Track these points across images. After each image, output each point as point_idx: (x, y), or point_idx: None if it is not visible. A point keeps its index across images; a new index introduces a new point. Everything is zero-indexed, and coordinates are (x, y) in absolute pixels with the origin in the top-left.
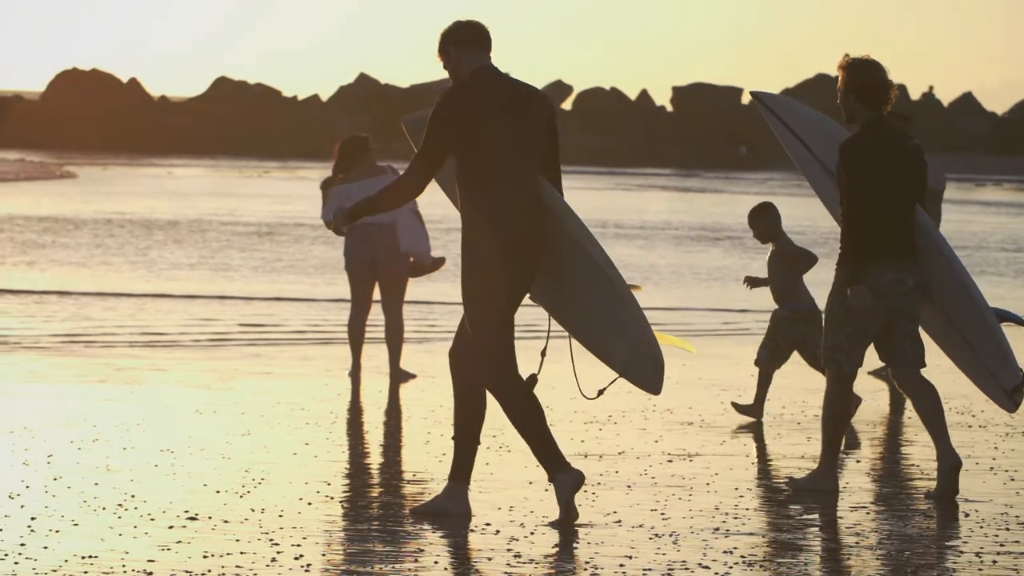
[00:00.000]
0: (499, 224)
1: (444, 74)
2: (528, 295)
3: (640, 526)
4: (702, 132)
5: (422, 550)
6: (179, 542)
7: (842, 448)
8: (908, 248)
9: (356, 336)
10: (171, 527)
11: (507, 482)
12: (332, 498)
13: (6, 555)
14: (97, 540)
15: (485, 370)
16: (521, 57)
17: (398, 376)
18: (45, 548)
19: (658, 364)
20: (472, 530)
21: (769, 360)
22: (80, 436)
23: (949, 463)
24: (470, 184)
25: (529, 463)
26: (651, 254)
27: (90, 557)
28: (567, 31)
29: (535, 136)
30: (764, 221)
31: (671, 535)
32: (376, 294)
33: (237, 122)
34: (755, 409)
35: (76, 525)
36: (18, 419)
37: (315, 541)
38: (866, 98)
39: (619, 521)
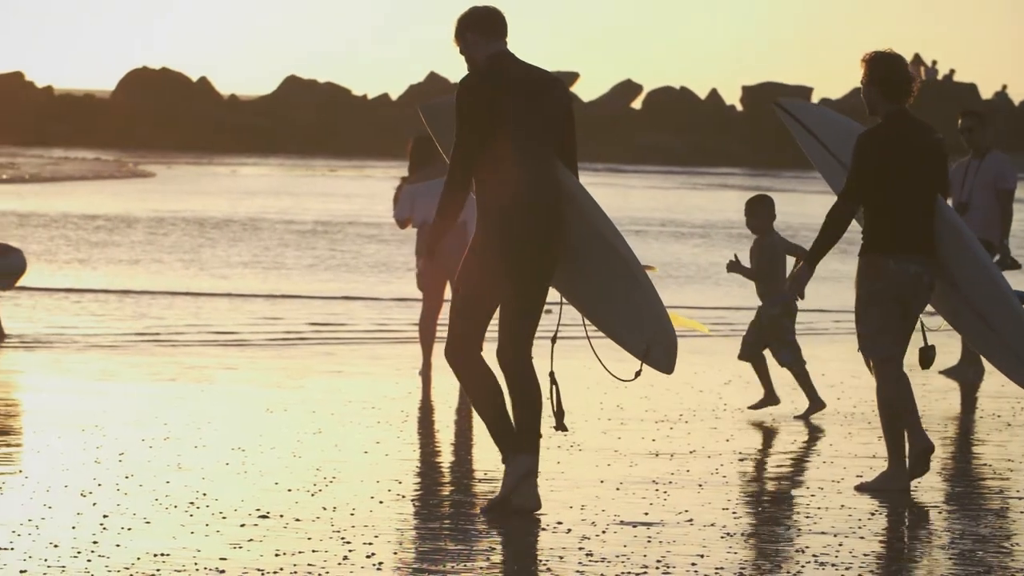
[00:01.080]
0: (514, 208)
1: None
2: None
3: (712, 525)
4: (771, 131)
5: (493, 548)
6: (251, 540)
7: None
8: (924, 241)
9: (427, 335)
10: (243, 525)
11: (578, 481)
12: (403, 496)
13: (79, 553)
14: (169, 538)
15: (447, 346)
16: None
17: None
18: (117, 546)
19: (673, 344)
20: (544, 528)
21: (795, 358)
22: (151, 434)
23: (921, 447)
24: (486, 168)
25: (600, 462)
26: (710, 252)
27: (162, 555)
28: (637, 30)
29: (551, 120)
30: (762, 212)
31: (743, 534)
32: (447, 293)
33: (306, 121)
34: (770, 396)
35: (148, 523)
36: (90, 417)
37: (387, 539)
38: (887, 91)
39: (691, 520)
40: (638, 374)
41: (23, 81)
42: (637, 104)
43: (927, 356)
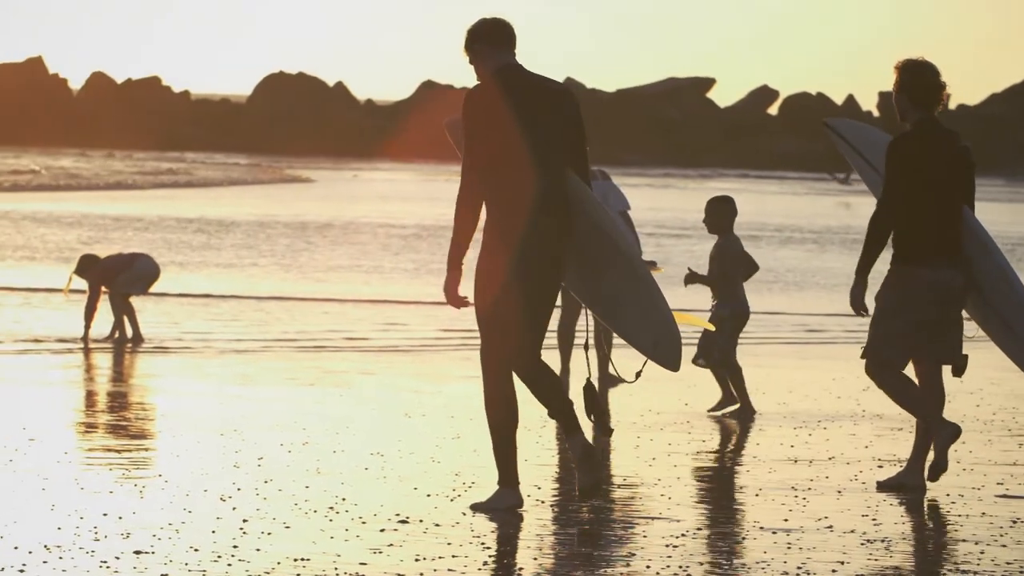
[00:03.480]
0: (522, 220)
1: (651, 77)
2: (561, 286)
3: (852, 531)
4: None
5: (633, 554)
6: (391, 545)
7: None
8: (953, 247)
9: (565, 341)
10: (382, 530)
11: (717, 487)
12: (543, 502)
13: (219, 557)
14: (309, 543)
15: (483, 366)
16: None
17: (606, 381)
18: (258, 550)
19: (677, 342)
20: (684, 534)
21: (724, 361)
22: (290, 439)
23: (922, 477)
24: (494, 178)
25: (740, 471)
26: (817, 259)
27: (302, 559)
28: (773, 36)
29: (559, 130)
30: (721, 212)
31: (883, 540)
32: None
33: (434, 128)
34: (743, 406)
35: (288, 528)
36: (229, 422)
37: (526, 545)
38: (917, 99)
39: (830, 526)
40: (638, 374)
41: (160, 86)
42: (773, 110)
43: (960, 365)
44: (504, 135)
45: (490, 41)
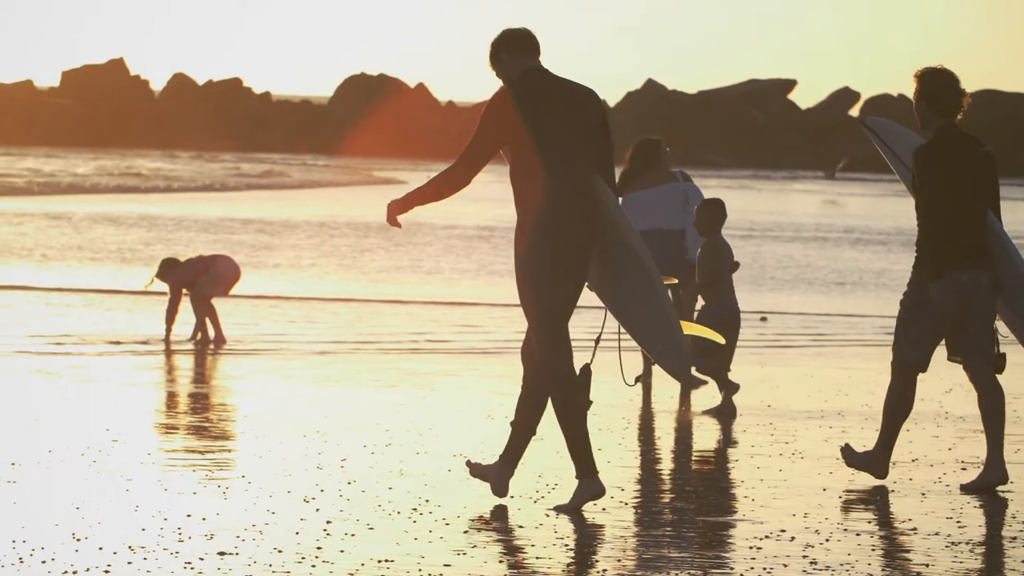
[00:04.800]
0: (551, 219)
1: (732, 79)
2: (586, 284)
3: (936, 534)
4: (992, 138)
5: (717, 556)
6: (474, 547)
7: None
8: (980, 249)
9: None
10: (466, 532)
11: (801, 489)
12: (625, 504)
13: (303, 559)
14: (393, 544)
15: (538, 365)
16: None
17: (689, 382)
18: (341, 552)
19: (685, 352)
20: (767, 536)
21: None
22: (373, 440)
23: (997, 476)
24: (523, 180)
25: (823, 470)
26: (882, 260)
27: (386, 561)
28: (855, 38)
29: (586, 132)
30: (713, 215)
31: (967, 543)
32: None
33: None
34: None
35: (371, 529)
36: (311, 423)
37: (609, 547)
38: (938, 106)
39: (915, 529)
40: (638, 379)
41: (241, 87)
42: (855, 112)
43: (999, 363)
44: (529, 136)
45: (515, 49)
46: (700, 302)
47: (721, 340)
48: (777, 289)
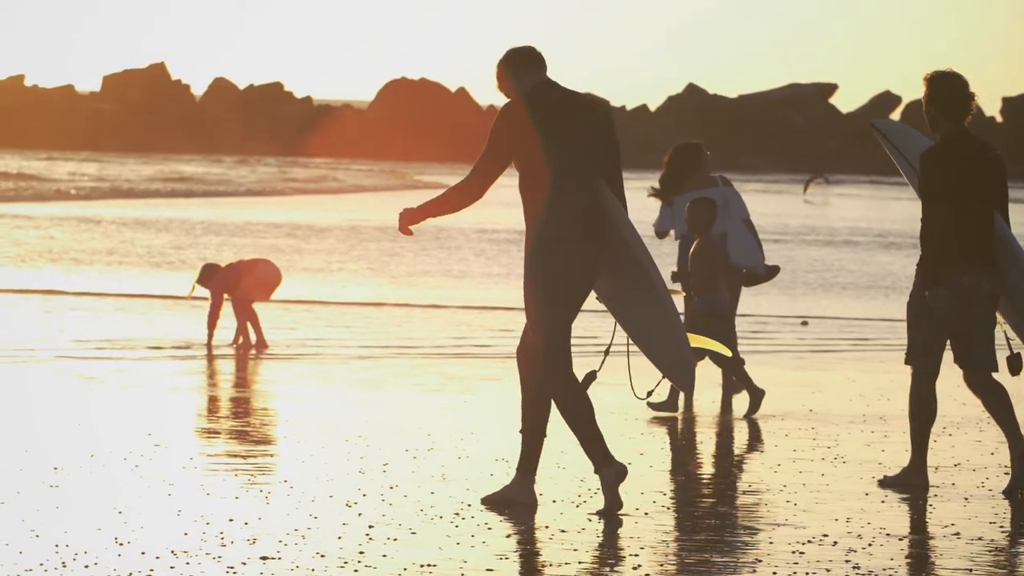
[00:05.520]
0: (559, 228)
1: (773, 83)
2: (594, 295)
3: (979, 539)
4: None
5: (760, 560)
6: (517, 551)
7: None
8: (984, 254)
9: (697, 351)
10: (508, 536)
11: (843, 493)
12: (668, 508)
13: (345, 563)
14: (435, 549)
15: (542, 369)
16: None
17: (731, 387)
18: (384, 556)
19: (691, 365)
20: (810, 541)
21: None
22: (415, 445)
23: (1020, 451)
24: (533, 190)
25: (865, 474)
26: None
27: (429, 566)
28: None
29: (596, 143)
30: (702, 215)
31: (1010, 548)
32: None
33: None
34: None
35: (414, 534)
36: (353, 427)
37: (653, 551)
38: (946, 110)
39: (957, 533)
40: (650, 394)
41: (282, 92)
42: (896, 115)
43: (1015, 364)
44: (538, 146)
45: (521, 65)
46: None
47: (728, 352)
48: (812, 293)
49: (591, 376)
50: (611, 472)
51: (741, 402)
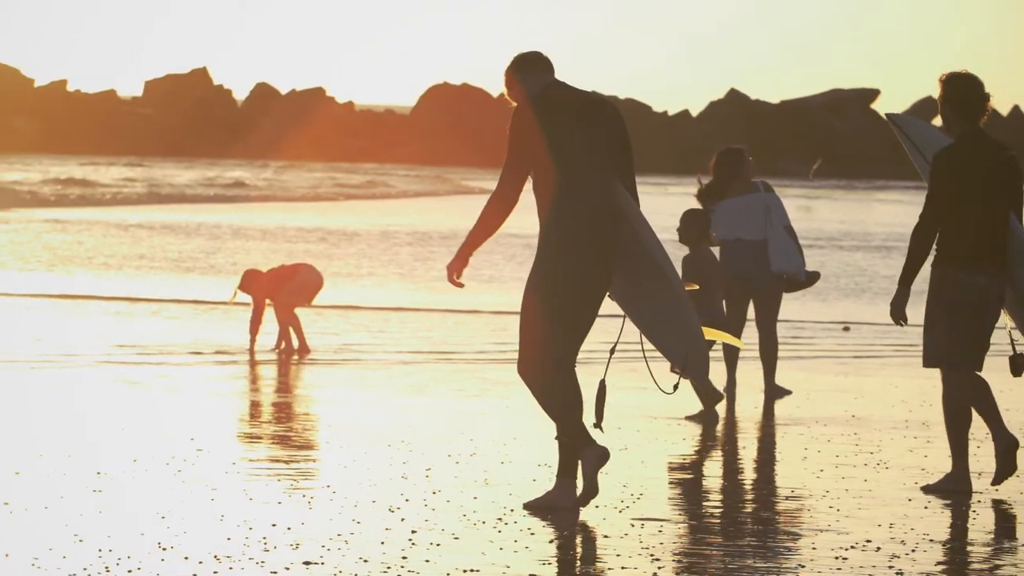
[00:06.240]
0: (571, 232)
1: (815, 89)
2: (608, 294)
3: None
4: None
5: (802, 566)
6: (559, 556)
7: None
8: (996, 255)
9: (731, 352)
10: (551, 541)
11: (886, 499)
12: (710, 513)
13: (388, 568)
14: (478, 554)
15: (523, 362)
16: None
17: (773, 392)
18: (427, 561)
19: (706, 358)
20: (853, 547)
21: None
22: (458, 450)
23: (1005, 443)
24: (545, 191)
25: (908, 480)
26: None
27: (472, 571)
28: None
29: (605, 143)
30: (695, 226)
31: None
32: (750, 313)
33: None
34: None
35: (456, 539)
36: (396, 432)
37: (694, 557)
38: (961, 111)
39: (1000, 540)
40: (676, 387)
41: (324, 97)
42: (938, 121)
43: (1017, 364)
44: (549, 147)
45: (529, 70)
46: None
47: (741, 344)
48: (849, 298)
49: (602, 387)
50: (592, 454)
51: (782, 405)
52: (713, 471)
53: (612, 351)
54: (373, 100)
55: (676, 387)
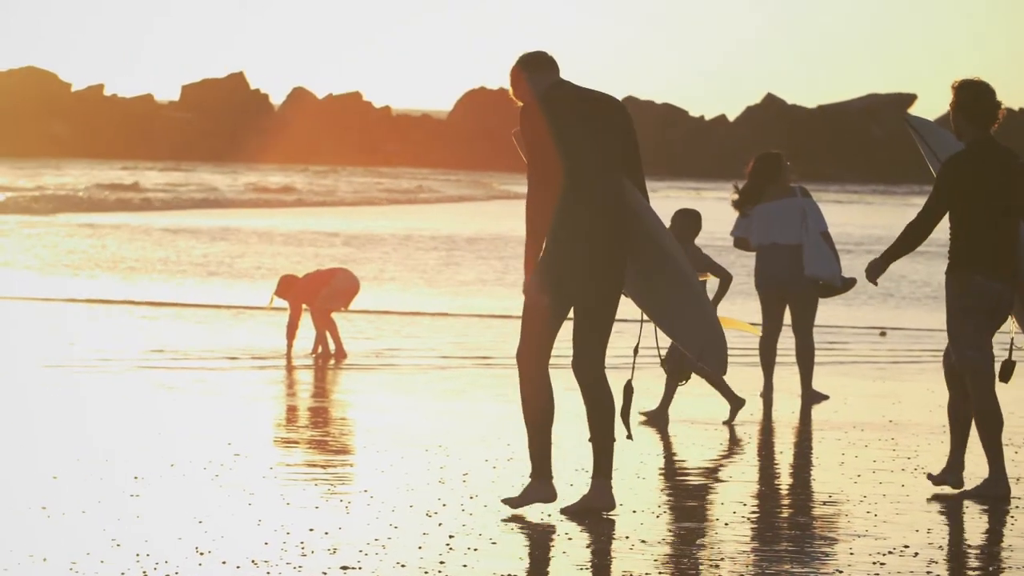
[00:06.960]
0: (583, 229)
1: (851, 94)
2: (623, 291)
3: None
4: None
5: (840, 571)
6: (596, 562)
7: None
8: (1006, 262)
9: (768, 357)
10: (588, 546)
11: (924, 504)
12: (746, 519)
13: (426, 573)
14: (515, 559)
15: (519, 361)
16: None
17: (810, 397)
18: (464, 566)
19: (724, 346)
20: (891, 552)
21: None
22: (495, 455)
23: (957, 477)
24: (553, 189)
25: (945, 487)
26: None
27: None
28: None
29: (613, 140)
30: (686, 225)
31: None
32: (786, 318)
33: (643, 142)
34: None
35: (494, 544)
36: (433, 437)
37: (732, 562)
38: (973, 118)
39: None
40: (688, 378)
41: (361, 102)
42: None
43: (1007, 370)
44: (558, 146)
45: (535, 69)
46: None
47: (758, 332)
48: (885, 304)
49: (629, 389)
50: (542, 488)
51: (819, 411)
52: (750, 476)
53: (636, 351)
54: (409, 104)
55: (688, 378)
